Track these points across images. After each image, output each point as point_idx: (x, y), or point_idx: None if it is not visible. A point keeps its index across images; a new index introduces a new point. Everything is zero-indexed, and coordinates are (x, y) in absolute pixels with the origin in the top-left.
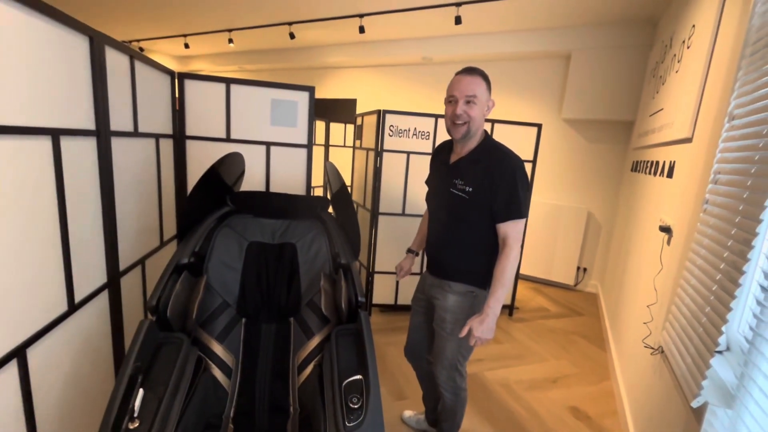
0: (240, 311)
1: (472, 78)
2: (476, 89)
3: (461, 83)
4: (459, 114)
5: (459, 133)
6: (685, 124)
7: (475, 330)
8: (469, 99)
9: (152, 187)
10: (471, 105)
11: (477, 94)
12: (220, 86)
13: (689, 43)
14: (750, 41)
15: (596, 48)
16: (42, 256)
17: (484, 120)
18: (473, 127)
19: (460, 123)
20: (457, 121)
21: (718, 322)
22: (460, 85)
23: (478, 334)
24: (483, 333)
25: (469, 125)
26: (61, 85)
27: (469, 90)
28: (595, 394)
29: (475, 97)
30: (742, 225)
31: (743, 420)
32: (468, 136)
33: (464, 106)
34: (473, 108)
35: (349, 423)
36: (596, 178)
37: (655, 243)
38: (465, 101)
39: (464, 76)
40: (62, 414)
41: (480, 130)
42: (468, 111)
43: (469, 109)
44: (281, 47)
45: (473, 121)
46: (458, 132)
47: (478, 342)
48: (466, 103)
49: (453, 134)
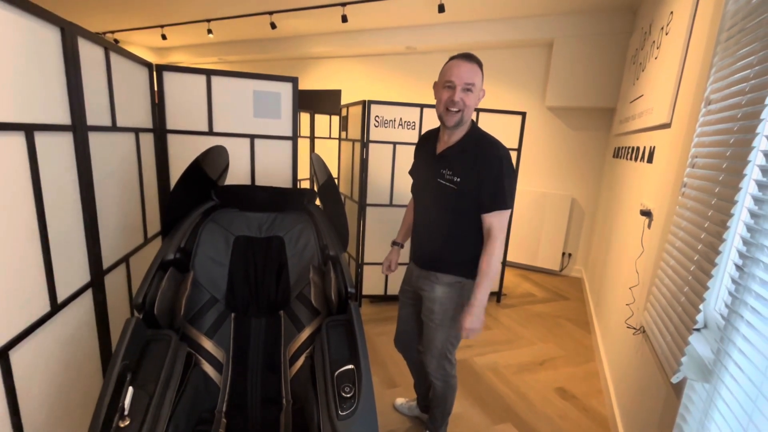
0: (229, 306)
1: (471, 66)
2: (475, 78)
3: (461, 69)
4: (456, 101)
5: (452, 121)
6: (664, 110)
7: (465, 322)
8: (467, 87)
9: (134, 183)
10: (468, 93)
11: (475, 83)
12: (200, 78)
13: (667, 30)
14: (725, 27)
15: (578, 36)
16: (20, 255)
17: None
18: (466, 115)
19: (455, 110)
20: (452, 108)
21: (695, 300)
22: (459, 71)
23: (468, 325)
24: (472, 324)
25: (462, 113)
26: (32, 79)
27: (468, 77)
28: (581, 375)
29: (473, 85)
30: (718, 207)
31: (719, 393)
32: (459, 124)
33: (462, 93)
34: (470, 96)
35: (342, 412)
36: (579, 165)
37: (637, 227)
38: (463, 88)
39: (463, 62)
40: (50, 415)
41: (469, 120)
42: (465, 99)
43: (465, 96)
44: (262, 37)
45: (467, 109)
46: (451, 119)
47: (471, 335)
48: (464, 90)
49: (446, 121)
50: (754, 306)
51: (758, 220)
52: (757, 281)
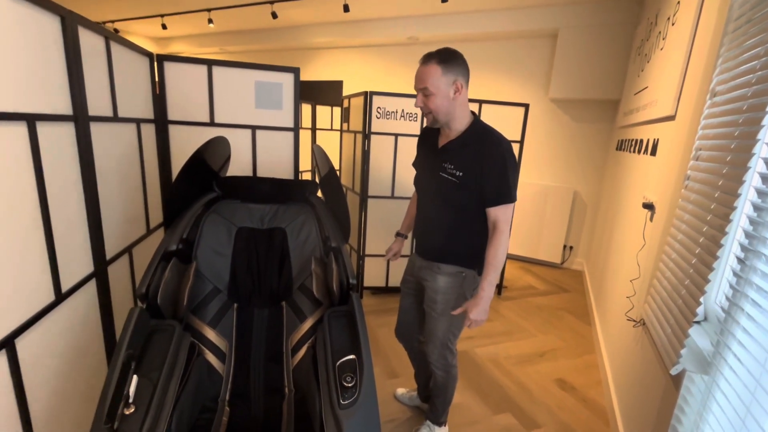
0: (231, 297)
1: (425, 68)
2: (427, 79)
3: (416, 74)
4: (420, 107)
5: (428, 120)
6: (669, 102)
7: (471, 313)
8: (423, 91)
9: (136, 173)
10: (428, 97)
11: (428, 85)
12: (201, 68)
13: (674, 20)
14: (732, 17)
15: (583, 26)
16: (24, 245)
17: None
18: (439, 116)
19: (427, 112)
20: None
21: (696, 293)
22: (415, 77)
23: (473, 316)
24: (478, 315)
25: (433, 115)
26: (33, 69)
27: (420, 82)
28: (581, 366)
29: (426, 88)
30: (722, 200)
31: (718, 384)
32: (439, 124)
33: (422, 98)
34: (431, 99)
35: (344, 401)
36: (582, 157)
37: (639, 220)
38: (422, 93)
39: (420, 66)
40: (56, 403)
41: (457, 115)
42: (426, 102)
43: (427, 100)
44: (263, 27)
45: (436, 110)
46: (428, 120)
47: (473, 324)
48: (423, 95)
49: (426, 121)
50: (755, 299)
51: (761, 213)
52: (759, 274)
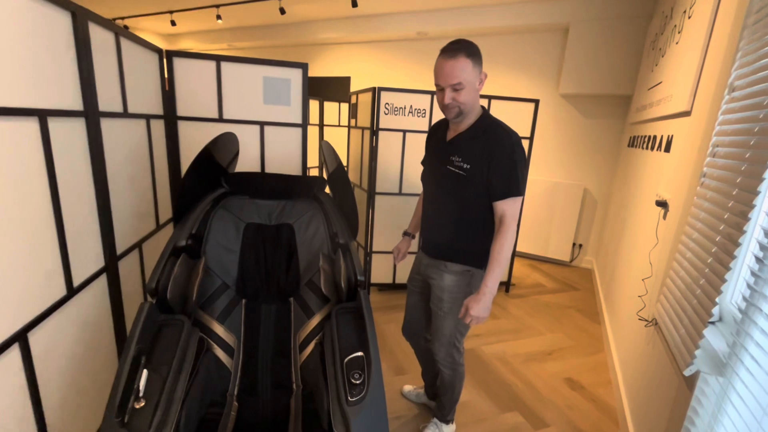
0: (239, 292)
1: (455, 62)
2: (460, 74)
3: (444, 70)
4: (447, 104)
5: (452, 114)
6: (684, 97)
7: (472, 309)
8: (455, 87)
9: (145, 169)
10: (458, 92)
11: (462, 80)
12: (210, 64)
13: (690, 13)
14: (753, 9)
15: (595, 19)
16: (37, 240)
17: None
18: (465, 109)
19: (454, 107)
20: (446, 111)
21: (712, 293)
22: (443, 73)
23: (474, 313)
24: (479, 312)
25: (460, 109)
26: (44, 64)
27: (453, 78)
28: (590, 365)
29: (460, 84)
30: (739, 197)
31: (734, 386)
32: (462, 117)
33: (452, 93)
34: (461, 94)
35: (352, 398)
36: (593, 154)
37: (651, 218)
38: (452, 89)
39: (446, 61)
40: (68, 396)
41: (476, 108)
42: (456, 98)
43: (457, 95)
44: (271, 23)
45: (464, 105)
46: (451, 113)
47: (474, 321)
48: (454, 90)
49: (446, 115)
50: None
51: None
52: None
